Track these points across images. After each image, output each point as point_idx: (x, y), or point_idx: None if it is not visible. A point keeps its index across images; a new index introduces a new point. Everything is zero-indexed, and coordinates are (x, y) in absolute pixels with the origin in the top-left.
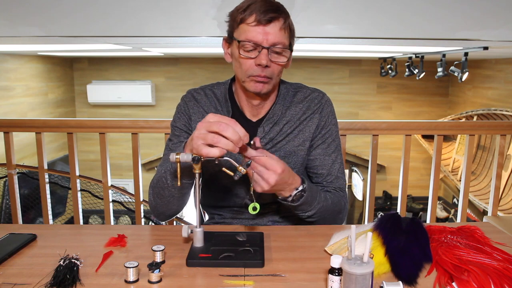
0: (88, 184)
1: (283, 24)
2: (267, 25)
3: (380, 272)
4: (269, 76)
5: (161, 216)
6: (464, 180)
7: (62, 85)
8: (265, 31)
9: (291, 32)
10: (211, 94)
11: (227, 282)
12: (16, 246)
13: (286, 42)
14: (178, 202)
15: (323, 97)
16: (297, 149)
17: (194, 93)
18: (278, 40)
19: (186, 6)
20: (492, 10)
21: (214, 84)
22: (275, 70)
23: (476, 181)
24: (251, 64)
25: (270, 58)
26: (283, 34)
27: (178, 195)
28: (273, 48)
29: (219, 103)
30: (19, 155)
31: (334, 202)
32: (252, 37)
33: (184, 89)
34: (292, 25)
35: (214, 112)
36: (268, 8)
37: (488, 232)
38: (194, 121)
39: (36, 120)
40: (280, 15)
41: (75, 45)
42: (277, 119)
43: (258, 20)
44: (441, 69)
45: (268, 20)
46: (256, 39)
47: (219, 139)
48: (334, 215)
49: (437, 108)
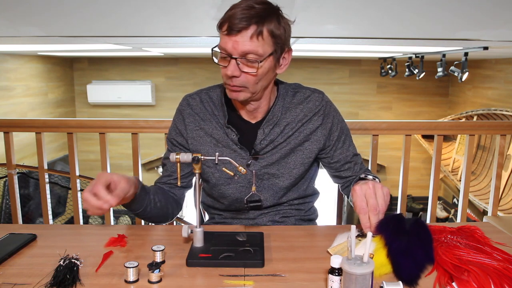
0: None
1: (254, 32)
2: (237, 35)
3: (382, 273)
4: (240, 85)
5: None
6: (464, 180)
7: (62, 85)
8: (234, 40)
9: (274, 37)
10: (206, 98)
11: (227, 282)
12: (16, 246)
13: (259, 50)
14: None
15: (323, 98)
16: (296, 149)
17: (190, 99)
18: (248, 49)
19: (186, 6)
20: (492, 10)
21: (211, 87)
22: (248, 80)
23: (476, 181)
24: (225, 71)
25: (240, 68)
26: (255, 42)
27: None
28: (243, 58)
29: (215, 107)
30: (19, 155)
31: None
32: (223, 45)
33: (184, 89)
34: (278, 29)
35: (210, 118)
36: (243, 16)
37: (488, 232)
38: (190, 130)
39: (36, 120)
40: (251, 24)
41: (75, 45)
42: (277, 121)
43: (228, 29)
44: (441, 69)
45: (238, 30)
46: (226, 47)
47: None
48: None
49: (437, 108)
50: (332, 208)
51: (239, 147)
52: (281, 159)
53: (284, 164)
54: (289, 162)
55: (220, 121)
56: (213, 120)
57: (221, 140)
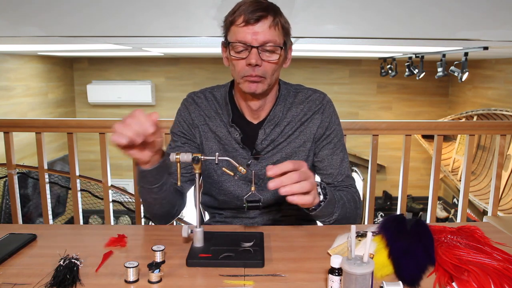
0: (88, 184)
1: (272, 22)
2: (255, 24)
3: (384, 273)
4: (261, 75)
5: (155, 221)
6: (464, 180)
7: (62, 85)
8: (253, 31)
9: (284, 30)
10: (211, 97)
11: (227, 282)
12: (16, 246)
13: (277, 40)
14: (156, 207)
15: (324, 98)
16: (298, 150)
17: (195, 96)
18: (268, 38)
19: (186, 6)
20: (492, 10)
21: (214, 87)
22: (267, 69)
23: (476, 181)
24: (243, 64)
25: (261, 57)
26: (273, 31)
27: (150, 200)
28: (264, 46)
29: (219, 106)
30: (19, 155)
31: (349, 199)
32: (242, 37)
33: (184, 89)
34: (286, 23)
35: (214, 115)
36: (256, 8)
37: (488, 232)
38: (197, 125)
39: (36, 120)
40: (268, 13)
41: (75, 45)
42: (278, 121)
43: (246, 20)
44: (441, 69)
45: (256, 19)
46: (245, 39)
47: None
48: (353, 211)
49: (437, 108)
50: None
51: (241, 147)
52: (282, 159)
53: None
54: None
55: (224, 120)
56: (217, 118)
57: (224, 138)
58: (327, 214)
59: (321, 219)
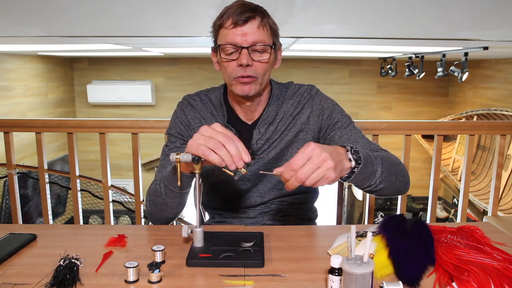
0: (88, 184)
1: (260, 23)
2: (244, 25)
3: (384, 274)
4: (253, 75)
5: (157, 222)
6: (464, 180)
7: (62, 85)
8: (242, 32)
9: (272, 30)
10: (206, 99)
11: (227, 282)
12: (16, 246)
13: (266, 40)
14: (172, 211)
15: (312, 89)
16: (291, 141)
17: (190, 99)
18: (257, 38)
19: (186, 6)
20: (492, 10)
21: (209, 89)
22: (259, 69)
23: (476, 181)
24: (234, 66)
25: (252, 57)
26: (262, 32)
27: (172, 203)
28: (254, 47)
29: (214, 108)
30: (19, 155)
31: (387, 155)
32: (231, 39)
33: (184, 89)
34: (274, 24)
35: (210, 117)
36: (244, 9)
37: (488, 232)
38: (193, 127)
39: (36, 120)
40: (256, 14)
41: (75, 45)
42: (271, 119)
43: (234, 22)
44: (441, 69)
45: (245, 20)
46: (235, 40)
47: (220, 147)
48: (397, 166)
49: (437, 108)
50: (332, 208)
51: None
52: (277, 155)
53: (281, 158)
54: (286, 155)
55: (219, 121)
56: (213, 119)
57: None
58: (368, 175)
59: (364, 184)
